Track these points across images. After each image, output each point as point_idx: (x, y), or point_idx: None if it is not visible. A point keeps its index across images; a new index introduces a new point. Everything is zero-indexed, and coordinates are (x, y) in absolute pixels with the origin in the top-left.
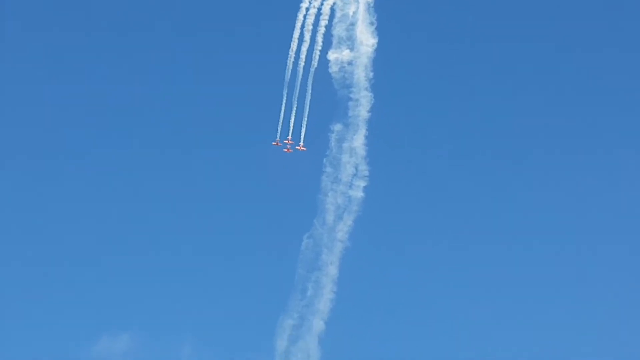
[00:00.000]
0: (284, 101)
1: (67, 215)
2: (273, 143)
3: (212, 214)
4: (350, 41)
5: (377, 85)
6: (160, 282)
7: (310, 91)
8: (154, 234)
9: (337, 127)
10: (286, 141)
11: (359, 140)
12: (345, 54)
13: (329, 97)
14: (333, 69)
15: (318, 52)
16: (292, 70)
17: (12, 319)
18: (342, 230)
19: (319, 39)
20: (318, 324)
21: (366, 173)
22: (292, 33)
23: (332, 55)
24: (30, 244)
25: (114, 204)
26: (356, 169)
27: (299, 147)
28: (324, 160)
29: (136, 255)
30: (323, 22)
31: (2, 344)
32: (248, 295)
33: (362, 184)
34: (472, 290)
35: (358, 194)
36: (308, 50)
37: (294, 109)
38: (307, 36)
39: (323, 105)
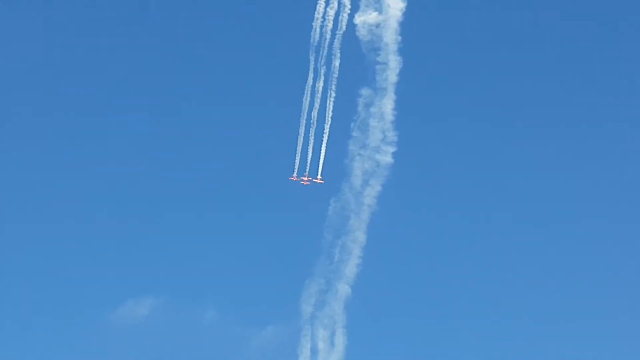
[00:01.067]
0: (311, 66)
1: (92, 177)
2: (290, 178)
3: (235, 175)
4: (378, 4)
5: (405, 49)
6: (184, 245)
7: (338, 55)
8: (176, 196)
9: (365, 91)
10: (304, 178)
11: (387, 105)
12: (373, 17)
13: (357, 61)
14: (361, 32)
15: (345, 16)
16: (319, 34)
17: (35, 282)
18: (370, 195)
19: (347, 1)
20: (344, 289)
21: (394, 138)
22: None
23: (359, 19)
24: (53, 203)
25: (138, 167)
26: (384, 134)
27: (317, 180)
28: (352, 125)
29: (159, 219)
30: None
31: (24, 307)
32: (274, 259)
33: (391, 149)
34: (499, 258)
35: (386, 158)
36: (335, 14)
37: (322, 73)
38: None
39: (351, 69)
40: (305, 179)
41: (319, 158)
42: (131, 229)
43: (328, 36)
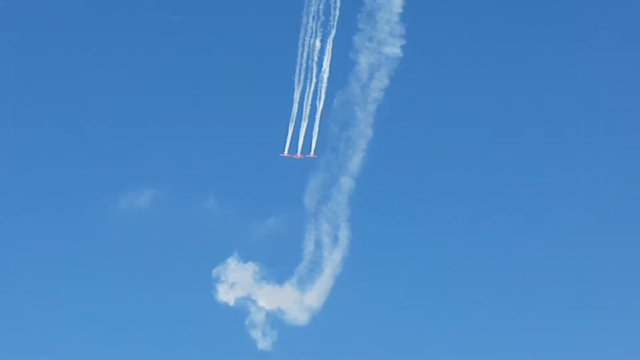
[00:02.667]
0: None
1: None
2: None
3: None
4: None
5: None
6: (183, 134)
7: None
8: (177, 89)
9: None
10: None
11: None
12: None
13: None
14: None
15: None
16: None
17: (34, 172)
18: (377, 88)
19: None
20: (349, 183)
21: (402, 32)
22: None
23: None
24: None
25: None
26: (392, 27)
27: (309, 156)
28: (358, 17)
29: (159, 109)
30: None
31: (23, 197)
32: (276, 148)
33: (399, 42)
34: (506, 150)
35: (394, 50)
36: None
37: None
38: None
39: None
40: (298, 155)
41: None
42: (131, 119)
43: None
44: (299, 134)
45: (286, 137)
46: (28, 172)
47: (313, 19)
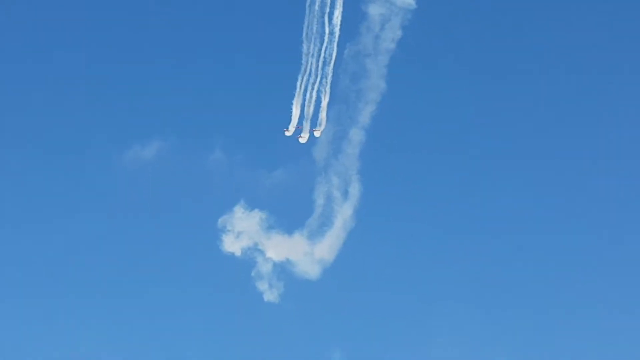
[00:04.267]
0: None
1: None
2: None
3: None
4: None
5: None
6: (188, 86)
7: None
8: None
9: None
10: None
11: None
12: None
13: None
14: None
15: None
16: None
17: (40, 124)
18: (389, 39)
19: None
20: (359, 135)
21: None
22: None
23: None
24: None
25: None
26: None
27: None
28: None
29: (164, 61)
30: None
31: (29, 148)
32: (285, 101)
33: None
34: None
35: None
36: None
37: None
38: None
39: None
40: (303, 135)
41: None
42: (137, 71)
43: None
44: (307, 87)
45: (295, 90)
46: (32, 124)
47: None
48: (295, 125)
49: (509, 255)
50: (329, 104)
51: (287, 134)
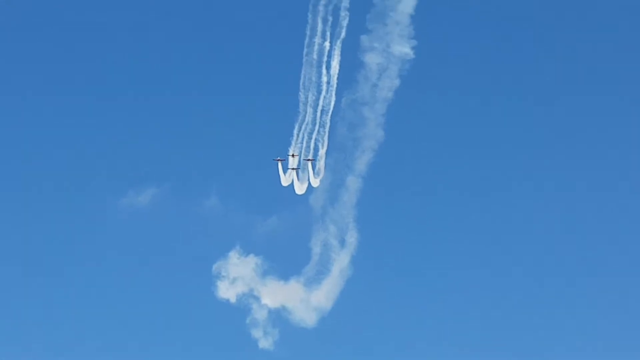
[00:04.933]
0: None
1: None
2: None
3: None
4: None
5: None
6: (184, 132)
7: None
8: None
9: None
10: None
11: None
12: None
13: None
14: None
15: None
16: None
17: (38, 170)
18: (387, 88)
19: None
20: (356, 183)
21: (412, 33)
22: None
23: None
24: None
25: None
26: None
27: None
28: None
29: (160, 109)
30: None
31: (28, 196)
32: (281, 147)
33: (410, 43)
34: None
35: (404, 50)
36: None
37: None
38: None
39: None
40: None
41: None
42: (133, 118)
43: None
44: (305, 134)
45: (292, 138)
46: (31, 172)
47: (322, 22)
48: (291, 175)
49: (506, 307)
50: (326, 152)
51: (284, 183)
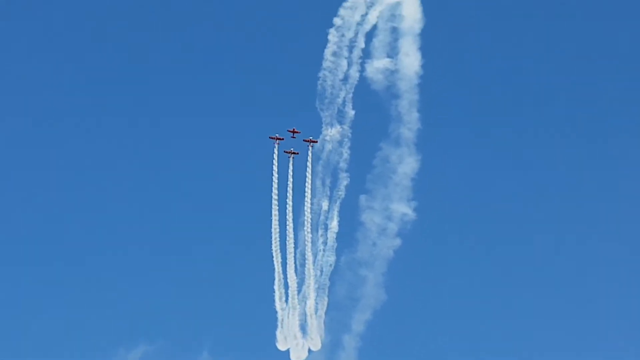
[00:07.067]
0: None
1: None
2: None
3: None
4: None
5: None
6: (175, 290)
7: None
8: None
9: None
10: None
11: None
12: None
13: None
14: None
15: None
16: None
17: (26, 328)
18: (386, 247)
19: None
20: (354, 342)
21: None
22: None
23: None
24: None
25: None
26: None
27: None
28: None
29: (150, 265)
30: None
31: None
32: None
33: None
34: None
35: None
36: None
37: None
38: None
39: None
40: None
41: None
42: (122, 274)
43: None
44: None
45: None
46: (19, 330)
47: (323, 184)
48: (288, 342)
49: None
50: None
51: (281, 347)
